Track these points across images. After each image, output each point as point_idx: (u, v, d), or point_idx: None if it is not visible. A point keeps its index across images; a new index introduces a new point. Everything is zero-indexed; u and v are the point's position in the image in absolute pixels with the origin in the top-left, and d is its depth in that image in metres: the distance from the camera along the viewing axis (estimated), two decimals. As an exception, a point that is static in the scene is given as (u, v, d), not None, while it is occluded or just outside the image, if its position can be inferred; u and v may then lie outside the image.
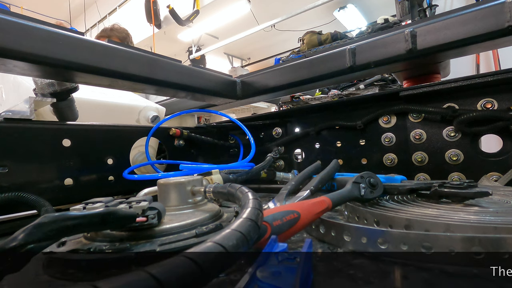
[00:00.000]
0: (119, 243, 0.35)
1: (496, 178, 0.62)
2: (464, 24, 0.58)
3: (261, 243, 0.29)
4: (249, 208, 0.28)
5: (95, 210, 0.32)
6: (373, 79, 2.36)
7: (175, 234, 0.37)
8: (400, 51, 0.66)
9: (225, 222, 0.42)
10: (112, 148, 0.74)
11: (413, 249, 0.29)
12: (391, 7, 3.11)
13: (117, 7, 5.34)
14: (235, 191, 0.37)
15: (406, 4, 2.67)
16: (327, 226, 0.37)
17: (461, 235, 0.28)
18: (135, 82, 0.66)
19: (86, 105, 0.84)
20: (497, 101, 0.62)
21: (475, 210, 0.37)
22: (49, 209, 0.52)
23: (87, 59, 0.57)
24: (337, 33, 3.13)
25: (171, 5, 4.24)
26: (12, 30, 0.47)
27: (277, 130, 0.98)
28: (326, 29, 3.36)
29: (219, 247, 0.21)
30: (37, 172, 0.61)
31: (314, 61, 0.80)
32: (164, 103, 1.15)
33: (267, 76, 0.89)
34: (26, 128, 0.60)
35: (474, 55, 2.41)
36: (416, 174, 0.72)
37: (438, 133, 0.69)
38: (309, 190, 0.51)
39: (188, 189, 0.44)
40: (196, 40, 5.48)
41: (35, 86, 0.68)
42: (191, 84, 0.78)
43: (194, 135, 0.92)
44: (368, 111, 0.79)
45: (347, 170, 0.80)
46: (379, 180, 0.46)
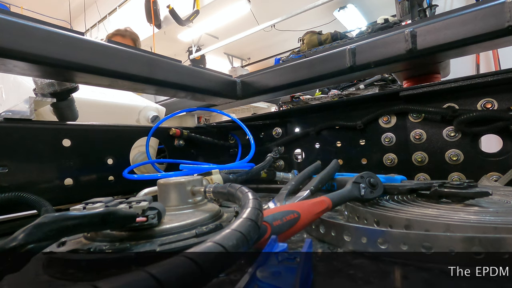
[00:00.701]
0: (119, 243, 0.35)
1: (496, 178, 0.62)
2: (464, 24, 0.58)
3: (261, 243, 0.29)
4: (249, 208, 0.28)
5: (95, 210, 0.32)
6: (373, 79, 2.36)
7: (175, 234, 0.37)
8: (400, 51, 0.66)
9: (225, 222, 0.42)
10: (112, 148, 0.74)
11: (413, 249, 0.29)
12: (391, 7, 3.11)
13: (117, 7, 5.34)
14: (235, 191, 0.37)
15: (406, 4, 2.67)
16: (327, 226, 0.37)
17: (461, 235, 0.28)
18: (135, 82, 0.66)
19: (86, 105, 0.84)
20: (497, 101, 0.62)
21: (475, 210, 0.37)
22: (49, 209, 0.52)
23: (87, 59, 0.57)
24: (337, 33, 3.13)
25: (171, 5, 4.24)
26: (12, 30, 0.47)
27: (277, 130, 0.98)
28: (326, 29, 3.36)
29: (219, 247, 0.21)
30: (37, 172, 0.61)
31: (314, 61, 0.80)
32: (164, 103, 1.15)
33: (267, 76, 0.89)
34: (26, 128, 0.60)
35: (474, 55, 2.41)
36: (416, 174, 0.72)
37: (438, 133, 0.69)
38: (309, 190, 0.51)
39: (188, 189, 0.44)
40: (196, 40, 5.48)
41: (35, 86, 0.68)
42: (191, 84, 0.78)
43: (194, 135, 0.92)
44: (368, 111, 0.79)
45: (347, 170, 0.80)
46: (379, 180, 0.46)
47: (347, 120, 0.82)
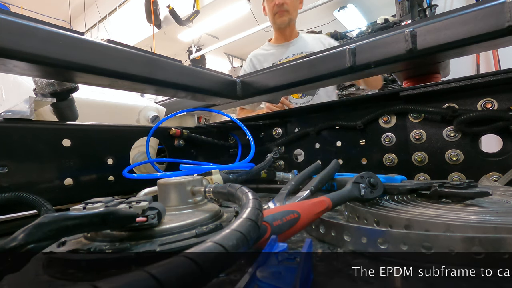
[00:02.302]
0: (119, 243, 0.35)
1: (496, 178, 0.62)
2: (464, 24, 0.58)
3: (261, 243, 0.29)
4: (249, 208, 0.28)
5: (95, 210, 0.32)
6: (373, 79, 2.35)
7: (175, 234, 0.37)
8: (400, 51, 0.66)
9: (225, 222, 0.42)
10: (112, 148, 0.74)
11: (413, 249, 0.29)
12: (391, 7, 3.12)
13: (117, 7, 5.35)
14: (235, 191, 0.37)
15: (406, 4, 2.67)
16: (327, 226, 0.37)
17: (461, 235, 0.28)
18: (135, 82, 0.66)
19: (86, 105, 0.84)
20: (497, 101, 0.62)
21: (475, 210, 0.37)
22: (49, 209, 0.52)
23: (87, 59, 0.57)
24: (337, 33, 3.14)
25: (171, 5, 4.24)
26: (12, 30, 0.47)
27: (277, 130, 0.98)
28: (326, 29, 3.36)
29: (219, 247, 0.21)
30: (37, 172, 0.61)
31: (314, 61, 0.80)
32: (164, 103, 1.15)
33: (267, 76, 0.89)
34: (26, 128, 0.60)
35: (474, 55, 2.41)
36: (416, 174, 0.72)
37: (438, 133, 0.69)
38: (309, 190, 0.51)
39: (188, 189, 0.44)
40: (196, 40, 5.48)
41: (35, 86, 0.68)
42: (191, 84, 0.78)
43: (194, 135, 0.92)
44: (368, 111, 0.79)
45: (347, 170, 0.80)
46: (379, 180, 0.46)
47: (347, 120, 0.82)
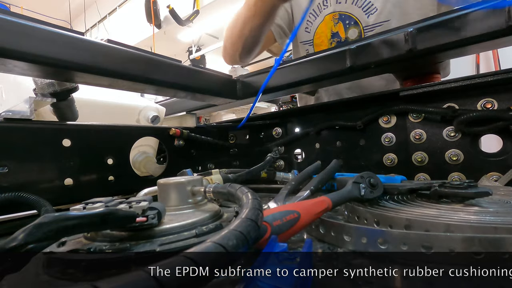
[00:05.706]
0: (119, 243, 0.35)
1: (496, 178, 0.62)
2: (464, 24, 0.58)
3: (261, 243, 0.29)
4: (249, 208, 0.28)
5: (95, 210, 0.32)
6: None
7: (175, 234, 0.37)
8: (400, 51, 0.66)
9: (225, 222, 0.42)
10: (112, 148, 0.74)
11: (413, 249, 0.29)
12: (391, 7, 3.10)
13: (117, 7, 5.35)
14: (235, 191, 0.37)
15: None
16: (327, 226, 0.37)
17: (461, 235, 0.28)
18: (135, 82, 0.66)
19: (86, 105, 0.83)
20: (497, 101, 0.62)
21: (475, 210, 0.37)
22: (49, 209, 0.52)
23: (87, 59, 0.57)
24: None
25: (171, 5, 4.24)
26: (12, 30, 0.47)
27: (277, 130, 0.98)
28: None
29: (219, 247, 0.21)
30: (37, 172, 0.61)
31: (314, 61, 0.80)
32: (164, 103, 1.15)
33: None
34: (26, 128, 0.60)
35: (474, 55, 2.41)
36: (416, 174, 0.72)
37: (438, 133, 0.69)
38: (309, 190, 0.51)
39: (188, 189, 0.44)
40: (196, 40, 5.48)
41: (35, 86, 0.68)
42: (191, 84, 0.78)
43: (194, 135, 0.92)
44: (368, 111, 0.78)
45: (347, 170, 0.80)
46: (379, 180, 0.46)
47: (347, 120, 0.82)
